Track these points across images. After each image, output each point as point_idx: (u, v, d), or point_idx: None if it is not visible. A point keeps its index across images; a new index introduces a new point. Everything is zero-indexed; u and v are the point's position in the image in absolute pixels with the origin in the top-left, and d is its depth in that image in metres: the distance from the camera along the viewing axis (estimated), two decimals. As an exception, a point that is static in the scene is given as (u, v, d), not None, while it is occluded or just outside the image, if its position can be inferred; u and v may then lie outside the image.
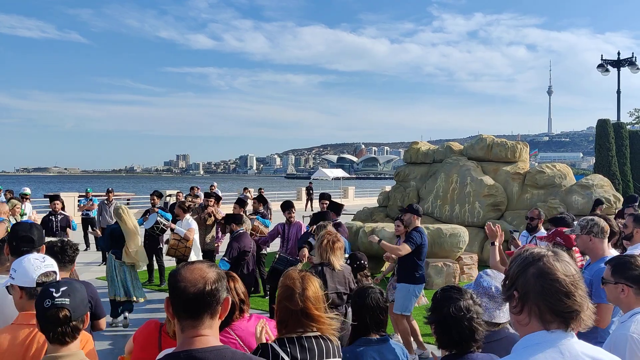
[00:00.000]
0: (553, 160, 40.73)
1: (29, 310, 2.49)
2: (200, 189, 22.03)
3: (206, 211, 9.57)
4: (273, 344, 2.49)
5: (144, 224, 9.09)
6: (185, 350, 1.76)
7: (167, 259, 10.32)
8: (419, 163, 15.30)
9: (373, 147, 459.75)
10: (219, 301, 1.80)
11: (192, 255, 8.34)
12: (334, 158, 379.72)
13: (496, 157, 14.01)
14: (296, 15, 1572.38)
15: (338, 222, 7.74)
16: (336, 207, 8.07)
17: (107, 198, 13.48)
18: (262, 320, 2.86)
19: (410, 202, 12.60)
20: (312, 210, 27.11)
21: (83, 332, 2.29)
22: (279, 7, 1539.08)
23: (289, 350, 2.46)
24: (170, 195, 22.31)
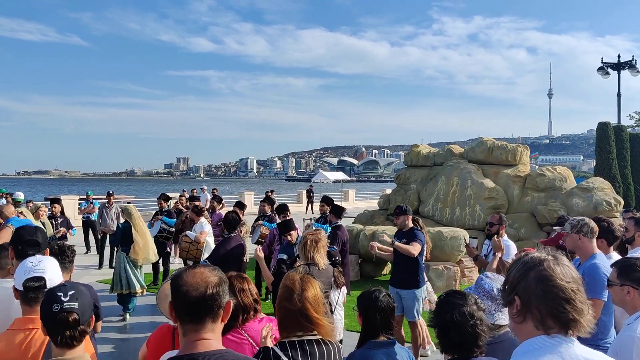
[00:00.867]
0: (553, 163, 40.79)
1: (25, 313, 2.51)
2: (197, 190, 22.04)
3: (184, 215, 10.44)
4: (275, 347, 2.51)
5: (150, 230, 9.49)
6: (188, 354, 1.77)
7: (175, 262, 10.79)
8: (419, 166, 15.32)
9: (373, 150, 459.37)
10: (220, 305, 1.82)
11: (204, 257, 8.38)
12: (334, 161, 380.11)
13: (497, 160, 14.02)
14: (296, 19, 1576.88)
15: (338, 224, 7.74)
16: (337, 210, 8.09)
17: (107, 201, 13.48)
18: (268, 325, 2.88)
19: (411, 205, 12.62)
20: (312, 213, 27.08)
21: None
22: (279, 10, 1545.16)
23: (291, 354, 2.47)
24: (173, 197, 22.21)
